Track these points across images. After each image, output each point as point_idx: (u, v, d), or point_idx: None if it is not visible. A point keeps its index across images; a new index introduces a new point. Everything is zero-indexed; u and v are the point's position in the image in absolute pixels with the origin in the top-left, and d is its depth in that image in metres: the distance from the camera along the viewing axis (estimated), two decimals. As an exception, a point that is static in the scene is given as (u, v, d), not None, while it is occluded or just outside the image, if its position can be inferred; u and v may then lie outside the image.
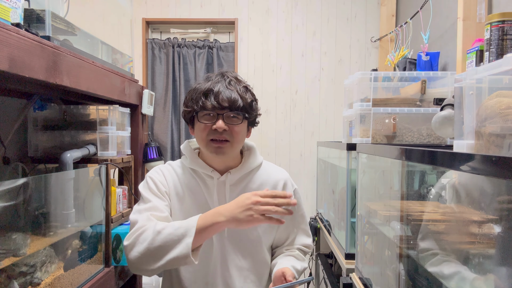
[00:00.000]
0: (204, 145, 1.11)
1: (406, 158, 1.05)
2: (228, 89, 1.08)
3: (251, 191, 1.14)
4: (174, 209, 1.15)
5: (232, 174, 1.17)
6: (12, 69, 0.96)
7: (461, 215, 1.00)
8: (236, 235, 1.17)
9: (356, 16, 3.03)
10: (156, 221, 1.04)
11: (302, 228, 1.28)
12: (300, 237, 1.27)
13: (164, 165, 1.23)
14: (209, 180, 1.17)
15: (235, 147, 1.13)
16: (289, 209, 0.98)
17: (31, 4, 1.20)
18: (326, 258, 2.59)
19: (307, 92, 3.06)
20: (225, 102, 1.07)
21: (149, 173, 1.19)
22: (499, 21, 1.02)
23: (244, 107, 1.10)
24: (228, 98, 1.07)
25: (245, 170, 1.19)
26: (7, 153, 1.49)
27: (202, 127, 1.09)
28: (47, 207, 1.35)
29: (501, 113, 0.77)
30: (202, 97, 1.08)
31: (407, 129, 1.66)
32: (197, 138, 1.14)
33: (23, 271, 1.16)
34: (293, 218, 1.24)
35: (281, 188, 1.22)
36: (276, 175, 1.23)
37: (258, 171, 1.22)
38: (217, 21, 3.03)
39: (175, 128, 3.03)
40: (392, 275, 1.31)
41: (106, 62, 1.67)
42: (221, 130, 1.07)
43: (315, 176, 3.04)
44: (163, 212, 1.09)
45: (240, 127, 1.11)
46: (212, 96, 1.07)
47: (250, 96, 1.14)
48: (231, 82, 1.11)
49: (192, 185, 1.17)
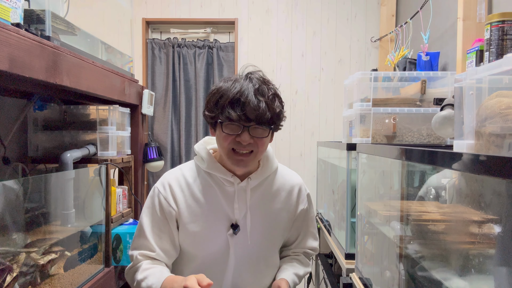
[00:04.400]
0: (225, 153, 1.06)
1: (406, 158, 1.05)
2: (257, 99, 0.99)
3: (269, 195, 1.17)
4: (186, 223, 1.12)
5: (253, 179, 1.13)
6: (12, 69, 0.96)
7: (461, 215, 1.00)
8: (256, 239, 1.15)
9: (356, 16, 3.03)
10: (141, 264, 1.10)
11: (310, 231, 1.28)
12: (308, 240, 1.28)
13: (173, 175, 1.16)
14: (229, 186, 1.12)
15: (258, 158, 1.09)
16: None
17: (31, 4, 1.20)
18: (326, 258, 2.59)
19: (307, 92, 3.06)
20: (252, 115, 1.00)
21: (156, 188, 1.15)
22: (499, 21, 1.02)
23: (272, 118, 1.03)
24: (256, 110, 0.99)
25: (264, 175, 1.16)
26: (7, 153, 1.49)
27: (225, 136, 1.03)
28: (47, 207, 1.35)
29: (501, 113, 0.77)
30: (228, 106, 1.00)
31: (407, 129, 1.66)
32: (219, 144, 1.08)
33: (23, 271, 1.16)
34: (304, 220, 1.24)
35: (296, 193, 1.21)
36: (291, 181, 1.22)
37: (275, 175, 1.20)
38: (217, 21, 3.03)
39: (175, 128, 3.03)
40: (392, 275, 1.31)
41: (106, 62, 1.67)
42: (245, 143, 1.02)
43: (315, 176, 3.04)
44: (153, 251, 1.11)
45: (266, 139, 1.06)
46: (239, 106, 0.99)
47: (279, 104, 1.06)
48: (260, 89, 1.02)
49: (207, 191, 1.13)
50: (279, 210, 1.18)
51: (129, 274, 1.15)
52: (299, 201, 1.22)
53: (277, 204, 1.18)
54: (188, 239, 1.13)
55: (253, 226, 1.14)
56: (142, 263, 1.11)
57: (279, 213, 1.18)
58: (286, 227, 1.21)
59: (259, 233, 1.15)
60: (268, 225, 1.17)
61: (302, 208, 1.22)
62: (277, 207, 1.18)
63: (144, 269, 1.08)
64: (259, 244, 1.16)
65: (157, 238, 1.11)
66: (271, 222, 1.17)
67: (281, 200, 1.19)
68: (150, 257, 1.12)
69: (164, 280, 1.04)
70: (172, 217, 1.11)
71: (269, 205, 1.17)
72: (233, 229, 1.11)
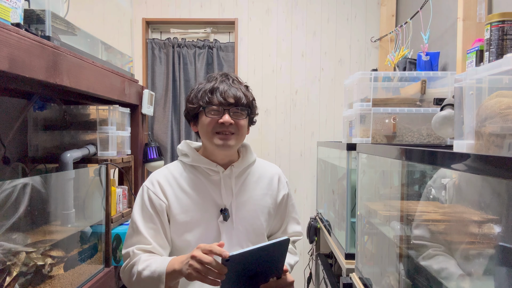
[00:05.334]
0: (209, 137, 1.16)
1: (406, 158, 1.05)
2: (233, 87, 1.16)
3: (252, 182, 1.26)
4: (176, 214, 1.16)
5: (235, 167, 1.22)
6: (12, 69, 0.96)
7: (461, 215, 1.00)
8: (242, 225, 1.20)
9: (356, 16, 3.03)
10: (140, 257, 1.11)
11: (292, 216, 1.36)
12: (292, 225, 1.35)
13: (160, 172, 1.23)
14: (214, 175, 1.21)
15: (239, 140, 1.19)
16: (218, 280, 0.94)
17: (31, 4, 1.20)
18: (326, 258, 2.59)
19: (307, 92, 3.06)
20: (231, 99, 1.14)
21: (145, 185, 1.20)
22: (499, 21, 1.02)
23: (248, 104, 1.18)
24: (234, 95, 1.15)
25: (245, 163, 1.25)
26: (7, 153, 1.49)
27: (208, 121, 1.14)
28: (47, 207, 1.35)
29: (501, 113, 0.77)
30: (208, 94, 1.15)
31: (407, 129, 1.66)
32: (202, 132, 1.18)
33: (23, 271, 1.16)
34: (286, 205, 1.33)
35: (277, 180, 1.31)
36: (271, 170, 1.33)
37: (254, 165, 1.30)
38: (217, 21, 3.03)
39: (175, 128, 3.03)
40: (392, 275, 1.31)
41: (106, 62, 1.67)
42: (228, 124, 1.13)
43: (315, 176, 3.04)
44: (149, 244, 1.13)
45: (244, 122, 1.18)
46: (218, 93, 1.14)
47: (251, 95, 1.22)
48: (234, 82, 1.19)
49: (194, 183, 1.20)
50: (263, 195, 1.26)
51: (125, 272, 1.14)
52: (280, 187, 1.31)
53: (260, 190, 1.27)
54: (180, 231, 1.16)
55: (239, 213, 1.20)
56: (140, 256, 1.11)
57: (263, 198, 1.26)
58: (271, 213, 1.27)
59: (246, 220, 1.21)
60: (254, 211, 1.23)
61: (284, 193, 1.31)
62: (261, 193, 1.26)
63: (145, 260, 1.09)
64: (246, 230, 1.21)
65: (151, 232, 1.14)
66: (256, 207, 1.24)
67: (264, 187, 1.28)
68: (147, 250, 1.13)
69: (168, 263, 1.04)
70: (163, 210, 1.16)
71: (253, 191, 1.25)
72: (223, 214, 1.17)
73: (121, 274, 1.17)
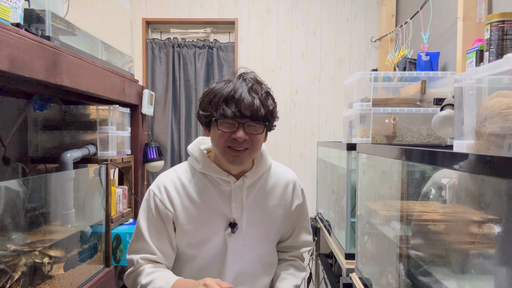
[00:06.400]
0: (221, 151, 1.07)
1: (406, 158, 1.05)
2: (250, 96, 1.02)
3: (265, 192, 1.18)
4: (183, 225, 1.12)
5: (248, 178, 1.14)
6: (12, 69, 0.96)
7: (461, 215, 1.00)
8: (250, 239, 1.16)
9: (356, 16, 3.03)
10: (144, 268, 1.09)
11: (304, 225, 1.30)
12: (302, 235, 1.29)
13: (168, 176, 1.16)
14: (225, 185, 1.13)
15: (253, 155, 1.11)
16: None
17: (31, 4, 1.20)
18: (326, 258, 2.59)
19: (307, 92, 3.06)
20: (247, 111, 1.01)
21: (151, 190, 1.15)
22: (499, 21, 1.02)
23: (266, 115, 1.05)
24: (250, 106, 1.01)
25: (259, 173, 1.17)
26: (7, 153, 1.49)
27: (220, 134, 1.04)
28: (47, 207, 1.35)
29: (501, 113, 0.77)
30: (223, 103, 1.02)
31: (407, 129, 1.66)
32: (214, 143, 1.09)
33: (23, 271, 1.16)
34: (299, 215, 1.26)
35: (291, 189, 1.23)
36: (286, 177, 1.24)
37: (269, 172, 1.21)
38: (217, 21, 3.03)
39: (175, 128, 3.03)
40: (392, 275, 1.31)
41: (106, 62, 1.67)
42: (241, 140, 1.03)
43: (315, 176, 3.04)
44: (153, 254, 1.11)
45: (260, 136, 1.08)
46: (233, 103, 1.01)
47: (272, 102, 1.08)
48: (253, 87, 1.04)
49: (203, 192, 1.13)
50: (275, 207, 1.19)
51: (129, 279, 1.13)
52: (294, 196, 1.23)
53: (273, 201, 1.19)
54: (186, 240, 1.13)
55: (249, 226, 1.15)
56: (144, 267, 1.10)
57: (275, 210, 1.19)
58: (282, 225, 1.22)
59: (256, 233, 1.16)
60: (264, 223, 1.18)
61: (297, 204, 1.24)
62: (273, 204, 1.19)
63: (149, 273, 1.08)
64: (255, 243, 1.17)
65: (156, 240, 1.11)
66: (267, 220, 1.18)
67: (277, 197, 1.20)
68: (152, 260, 1.11)
69: (174, 284, 1.04)
70: (169, 219, 1.11)
71: (265, 203, 1.18)
72: (231, 228, 1.12)
73: (125, 280, 1.15)
